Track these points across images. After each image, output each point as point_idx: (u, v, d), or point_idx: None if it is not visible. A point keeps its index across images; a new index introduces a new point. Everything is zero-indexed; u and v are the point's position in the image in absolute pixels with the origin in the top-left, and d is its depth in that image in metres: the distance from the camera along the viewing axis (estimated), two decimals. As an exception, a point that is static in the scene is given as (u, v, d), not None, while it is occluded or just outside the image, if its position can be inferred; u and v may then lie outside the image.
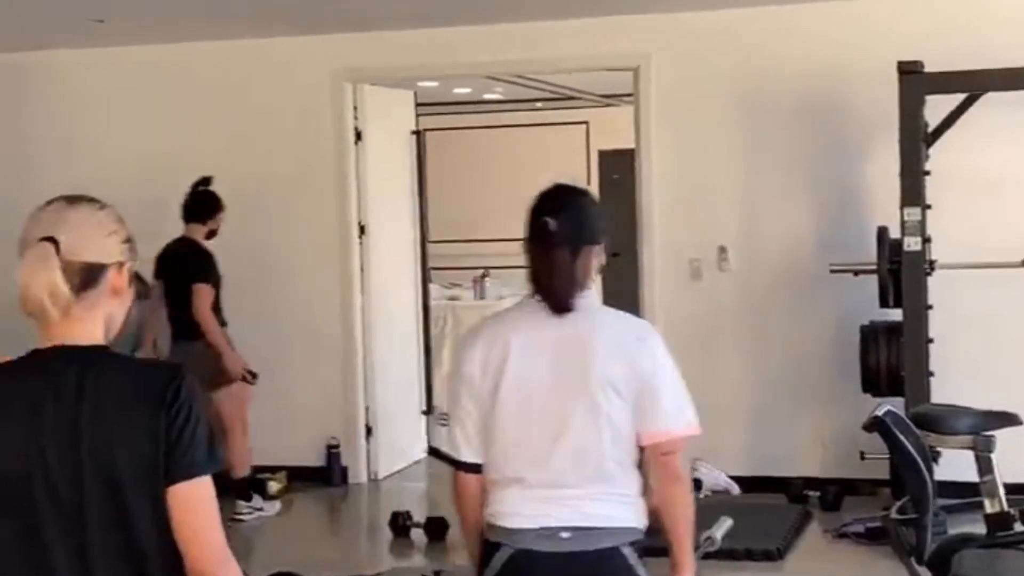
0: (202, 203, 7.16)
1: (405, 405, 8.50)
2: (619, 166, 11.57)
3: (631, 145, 7.84)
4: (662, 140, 7.55)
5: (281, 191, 7.92)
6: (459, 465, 3.00)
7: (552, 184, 3.02)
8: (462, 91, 11.69)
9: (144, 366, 2.27)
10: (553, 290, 2.90)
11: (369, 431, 8.11)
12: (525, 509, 2.91)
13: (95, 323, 2.17)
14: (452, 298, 11.16)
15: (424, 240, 8.75)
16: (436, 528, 6.65)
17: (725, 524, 3.34)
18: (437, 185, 9.30)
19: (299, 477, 7.84)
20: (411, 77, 8.56)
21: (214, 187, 7.22)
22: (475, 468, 2.98)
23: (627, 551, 2.92)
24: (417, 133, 8.68)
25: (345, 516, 7.59)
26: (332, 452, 7.96)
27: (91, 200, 2.22)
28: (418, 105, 8.89)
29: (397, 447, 8.33)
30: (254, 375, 7.14)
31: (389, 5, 7.16)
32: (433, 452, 3.04)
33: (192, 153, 8.08)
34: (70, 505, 2.09)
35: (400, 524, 6.82)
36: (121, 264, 2.21)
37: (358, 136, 8.05)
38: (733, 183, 7.49)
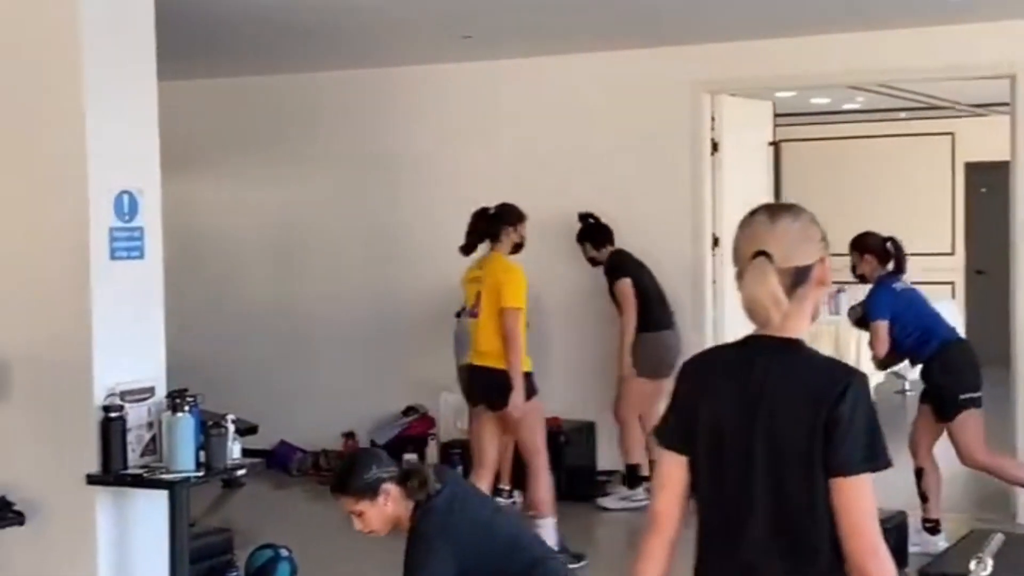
0: (598, 232, 7.70)
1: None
2: (989, 179, 11.03)
3: (1003, 157, 7.43)
4: (1040, 152, 7.11)
5: (636, 200, 7.98)
6: None
7: None
8: (821, 101, 11.43)
9: (823, 363, 2.55)
10: None
11: (717, 444, 8.03)
12: None
13: (803, 314, 2.55)
14: (805, 313, 10.91)
15: (779, 253, 8.57)
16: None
17: (995, 540, 3.11)
18: (793, 197, 9.11)
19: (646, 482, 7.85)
20: (770, 88, 8.44)
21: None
22: None
23: None
24: (774, 144, 8.54)
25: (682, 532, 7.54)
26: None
27: (787, 210, 2.59)
28: (776, 115, 8.75)
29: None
30: None
31: (749, 15, 7.08)
32: None
33: (551, 162, 8.28)
34: (742, 469, 2.51)
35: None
36: (822, 259, 2.56)
37: (715, 147, 8.01)
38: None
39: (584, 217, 7.73)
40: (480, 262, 6.57)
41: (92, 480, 4.80)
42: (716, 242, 8.03)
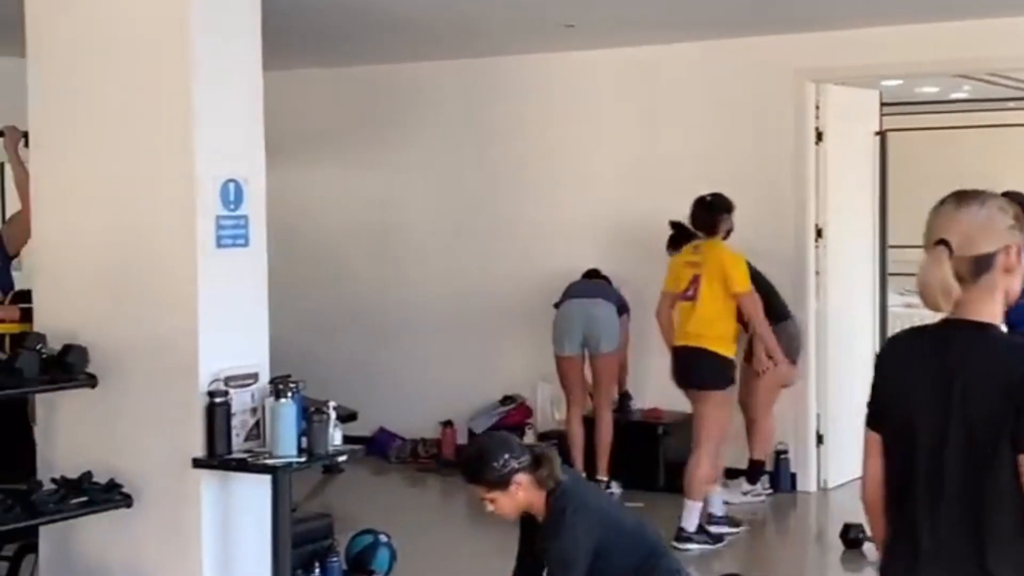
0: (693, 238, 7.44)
1: (859, 414, 8.22)
2: (1102, 170, 10.72)
3: (1119, 147, 7.23)
4: None
5: (739, 190, 7.85)
6: None
7: None
8: (927, 90, 11.21)
9: (1017, 344, 2.62)
10: None
11: (820, 439, 7.94)
12: None
13: (993, 301, 2.63)
14: (909, 305, 10.72)
15: (884, 245, 8.45)
16: (890, 544, 6.41)
17: None
18: (899, 188, 8.96)
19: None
20: (876, 76, 8.29)
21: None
22: None
23: None
24: (881, 134, 8.41)
25: (793, 524, 7.48)
26: (781, 458, 7.86)
27: (975, 197, 2.64)
28: (882, 105, 8.60)
29: (849, 457, 8.07)
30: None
31: (855, 2, 6.96)
32: None
33: (653, 152, 8.24)
34: (934, 447, 2.60)
35: (851, 537, 6.62)
36: (1007, 247, 2.62)
37: (819, 136, 7.90)
38: None
39: (678, 224, 7.61)
40: (696, 247, 6.86)
41: (197, 464, 4.87)
42: (820, 233, 7.93)
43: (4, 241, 6.20)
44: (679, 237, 7.58)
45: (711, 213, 6.88)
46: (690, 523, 6.66)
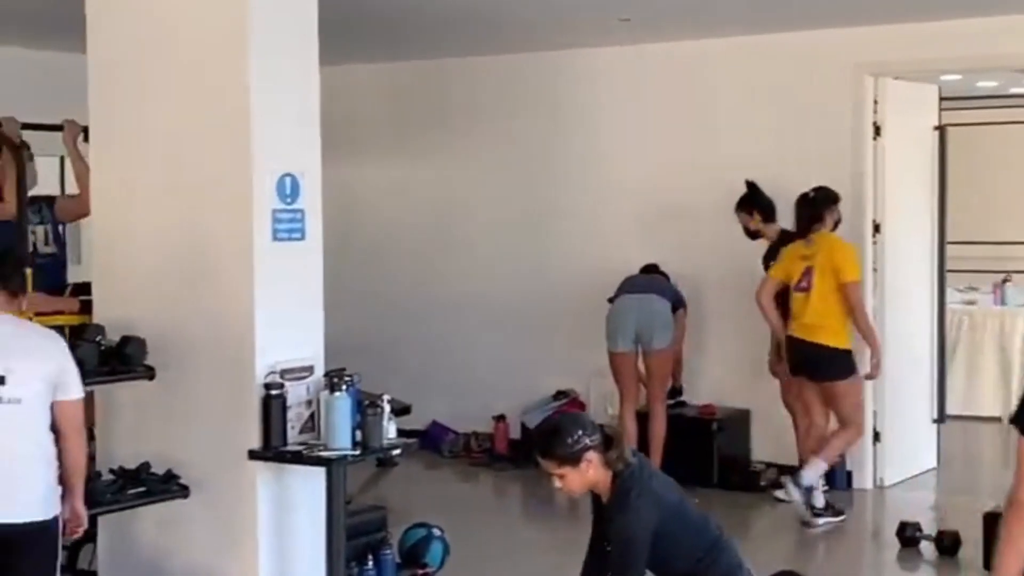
0: (769, 203, 7.56)
1: (916, 411, 8.18)
2: None
3: None
4: None
5: (796, 185, 7.81)
6: None
7: None
8: (987, 84, 11.08)
9: None
10: None
11: (877, 436, 7.87)
12: None
13: None
14: (968, 302, 10.63)
15: (943, 241, 8.37)
16: (948, 543, 6.35)
17: None
18: (958, 183, 8.86)
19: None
20: (935, 70, 8.20)
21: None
22: None
23: None
24: (940, 128, 8.31)
25: (849, 522, 7.40)
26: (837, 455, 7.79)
27: None
28: (941, 99, 8.51)
29: (906, 454, 8.03)
30: None
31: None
32: None
33: (709, 146, 8.20)
34: None
35: (908, 535, 6.56)
36: None
37: (877, 131, 7.82)
38: None
39: (752, 184, 7.54)
40: (807, 239, 7.02)
41: (253, 456, 4.91)
42: (877, 229, 7.86)
43: (56, 207, 6.46)
44: (751, 197, 7.50)
45: (815, 207, 7.04)
46: (808, 478, 6.91)
